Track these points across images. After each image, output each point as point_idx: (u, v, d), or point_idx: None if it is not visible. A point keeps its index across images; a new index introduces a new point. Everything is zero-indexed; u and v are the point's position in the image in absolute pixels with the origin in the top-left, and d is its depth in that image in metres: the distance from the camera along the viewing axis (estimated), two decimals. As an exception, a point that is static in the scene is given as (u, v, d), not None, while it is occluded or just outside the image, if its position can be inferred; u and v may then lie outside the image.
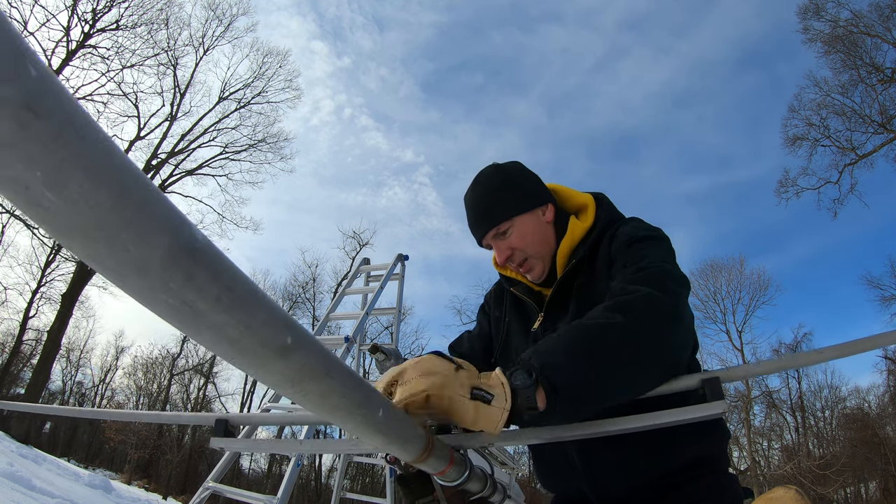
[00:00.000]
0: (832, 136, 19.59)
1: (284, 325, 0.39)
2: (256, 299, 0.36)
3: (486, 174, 1.33)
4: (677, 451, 1.16)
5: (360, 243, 27.85)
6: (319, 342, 0.45)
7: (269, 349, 0.39)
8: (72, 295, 19.50)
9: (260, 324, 0.37)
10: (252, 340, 0.37)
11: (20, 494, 6.06)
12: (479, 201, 1.30)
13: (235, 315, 0.35)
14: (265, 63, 23.70)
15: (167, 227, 0.30)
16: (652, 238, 1.18)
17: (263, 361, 0.40)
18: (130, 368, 29.09)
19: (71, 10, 18.54)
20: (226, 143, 23.30)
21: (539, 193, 1.33)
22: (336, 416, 0.51)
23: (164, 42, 21.33)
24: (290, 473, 4.55)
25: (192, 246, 0.31)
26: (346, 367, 0.49)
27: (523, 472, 25.12)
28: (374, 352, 5.27)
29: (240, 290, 0.35)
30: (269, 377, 0.42)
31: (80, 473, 12.24)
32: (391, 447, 0.66)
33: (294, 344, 0.40)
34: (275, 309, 0.38)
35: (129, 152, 21.31)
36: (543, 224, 1.31)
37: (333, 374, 0.46)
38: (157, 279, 0.30)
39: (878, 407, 24.41)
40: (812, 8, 19.21)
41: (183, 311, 0.33)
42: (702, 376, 0.95)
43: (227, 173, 23.12)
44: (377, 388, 0.74)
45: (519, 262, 1.31)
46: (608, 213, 1.34)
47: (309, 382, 0.44)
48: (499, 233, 1.29)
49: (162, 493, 21.78)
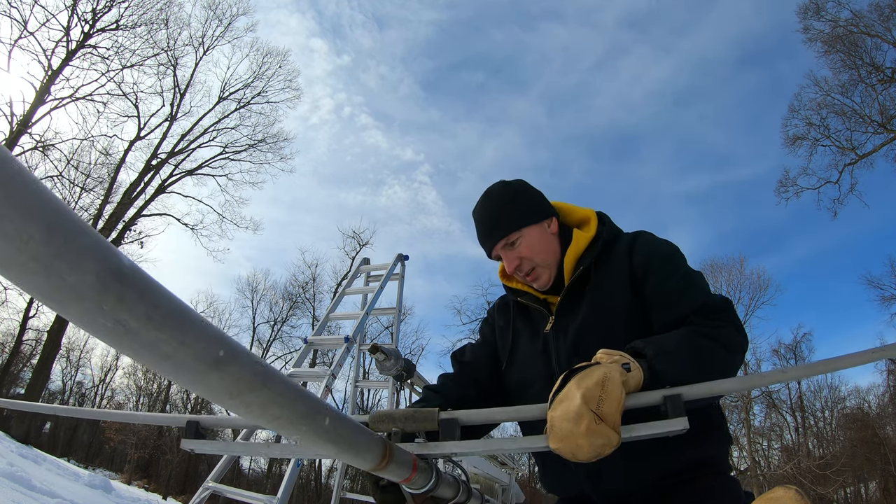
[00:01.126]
0: (832, 135, 19.62)
1: (216, 339, 0.42)
2: (186, 316, 0.39)
3: (495, 190, 1.43)
4: (678, 453, 1.19)
5: (360, 243, 27.90)
6: (252, 354, 0.47)
7: (204, 362, 0.41)
8: (72, 295, 19.46)
9: (192, 338, 0.39)
10: (186, 355, 0.39)
11: (20, 494, 6.06)
12: (489, 215, 1.40)
13: (167, 331, 0.37)
14: (265, 63, 23.75)
15: (95, 255, 0.33)
16: (678, 255, 1.35)
17: (200, 375, 0.41)
18: (130, 368, 29.11)
19: (71, 10, 18.55)
20: (226, 143, 23.35)
21: (544, 207, 1.43)
22: (280, 425, 0.52)
23: (164, 42, 21.37)
24: (290, 473, 4.55)
25: (121, 270, 0.34)
26: (284, 377, 0.51)
27: (523, 473, 25.11)
28: (374, 352, 5.27)
29: (169, 307, 0.38)
30: (209, 391, 0.44)
31: (80, 473, 12.24)
32: (344, 456, 0.66)
33: (227, 356, 0.42)
34: (205, 324, 0.41)
35: (129, 152, 21.35)
36: (549, 235, 1.40)
37: (270, 385, 0.48)
38: (92, 303, 0.33)
39: (878, 407, 24.46)
40: (812, 8, 19.24)
41: (118, 331, 0.35)
42: (664, 392, 0.96)
43: (227, 173, 23.18)
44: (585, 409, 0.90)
45: (527, 272, 1.38)
46: (610, 228, 1.44)
47: (248, 394, 0.46)
48: (508, 244, 1.37)
49: (162, 493, 21.79)
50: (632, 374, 0.98)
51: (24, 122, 17.77)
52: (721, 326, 1.16)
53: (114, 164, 21.26)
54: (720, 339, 1.13)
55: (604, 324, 1.28)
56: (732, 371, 1.14)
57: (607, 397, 0.91)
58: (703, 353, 1.09)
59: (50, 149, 18.87)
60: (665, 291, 1.26)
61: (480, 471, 5.83)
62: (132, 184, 21.40)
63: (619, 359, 1.01)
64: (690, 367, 1.05)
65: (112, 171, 21.24)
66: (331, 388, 5.35)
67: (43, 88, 18.17)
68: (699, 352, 1.09)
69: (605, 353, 1.04)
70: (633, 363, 1.01)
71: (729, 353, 1.13)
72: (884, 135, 18.88)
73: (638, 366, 1.01)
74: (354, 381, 7.41)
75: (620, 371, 0.96)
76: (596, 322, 1.29)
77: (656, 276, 1.28)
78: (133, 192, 21.33)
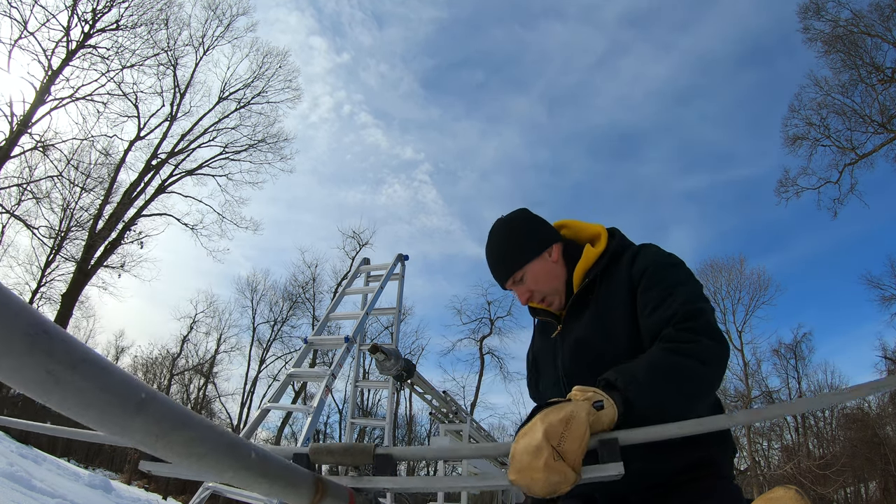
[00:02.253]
0: (832, 135, 19.58)
1: (136, 384, 0.46)
2: (106, 364, 0.44)
3: (495, 230, 1.53)
4: (679, 453, 1.21)
5: (360, 243, 27.90)
6: (169, 397, 0.51)
7: (128, 406, 0.45)
8: (72, 295, 19.50)
9: (114, 384, 0.43)
10: (111, 399, 0.43)
11: (20, 494, 6.06)
12: (493, 256, 1.50)
13: (91, 380, 0.41)
14: (265, 63, 23.72)
15: (23, 315, 0.37)
16: (675, 265, 1.36)
17: (125, 418, 0.45)
18: (131, 368, 29.08)
19: (71, 10, 18.53)
20: (226, 143, 23.32)
21: (543, 238, 1.49)
22: (208, 464, 0.55)
23: (164, 42, 21.34)
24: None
25: (45, 329, 0.39)
26: (202, 418, 0.55)
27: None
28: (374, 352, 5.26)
29: (91, 358, 0.42)
30: (135, 434, 0.47)
31: (80, 473, 12.24)
32: (275, 491, 0.66)
33: (148, 398, 0.46)
34: (123, 371, 0.46)
35: (129, 152, 21.35)
36: (551, 264, 1.47)
37: (192, 424, 0.51)
38: (27, 357, 0.38)
39: (878, 407, 24.43)
40: (812, 7, 19.20)
41: (48, 381, 0.39)
42: (599, 437, 0.98)
43: (227, 173, 23.14)
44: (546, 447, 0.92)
45: (539, 300, 1.49)
46: (620, 241, 1.49)
47: (172, 433, 0.49)
48: (515, 280, 1.47)
49: (162, 493, 21.80)
50: (604, 412, 1.00)
51: (24, 122, 17.76)
52: (694, 339, 1.17)
53: (114, 164, 21.25)
54: (694, 355, 1.14)
55: (604, 329, 1.33)
56: (710, 384, 1.18)
57: (569, 435, 0.93)
58: (675, 372, 1.12)
59: (50, 149, 18.86)
60: (647, 297, 1.30)
61: (480, 472, 5.83)
62: (132, 184, 21.38)
63: (592, 396, 1.03)
64: (664, 390, 1.09)
65: (112, 171, 21.23)
66: (331, 388, 5.34)
67: (43, 88, 18.16)
68: (672, 372, 1.12)
69: (580, 390, 1.06)
70: (606, 400, 1.02)
71: (704, 366, 1.15)
72: (884, 135, 18.87)
73: (612, 402, 1.02)
74: (354, 381, 7.41)
75: (589, 410, 0.98)
76: (597, 328, 1.35)
77: (645, 283, 1.33)
78: (133, 192, 21.32)
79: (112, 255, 20.86)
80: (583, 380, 1.24)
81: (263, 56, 23.71)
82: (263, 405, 5.34)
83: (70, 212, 21.50)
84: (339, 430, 27.61)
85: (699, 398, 1.20)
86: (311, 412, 4.91)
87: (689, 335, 1.17)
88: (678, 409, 1.10)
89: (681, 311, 1.22)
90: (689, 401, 1.15)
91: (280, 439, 26.61)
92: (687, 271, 1.36)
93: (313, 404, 4.99)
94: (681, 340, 1.17)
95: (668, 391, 1.10)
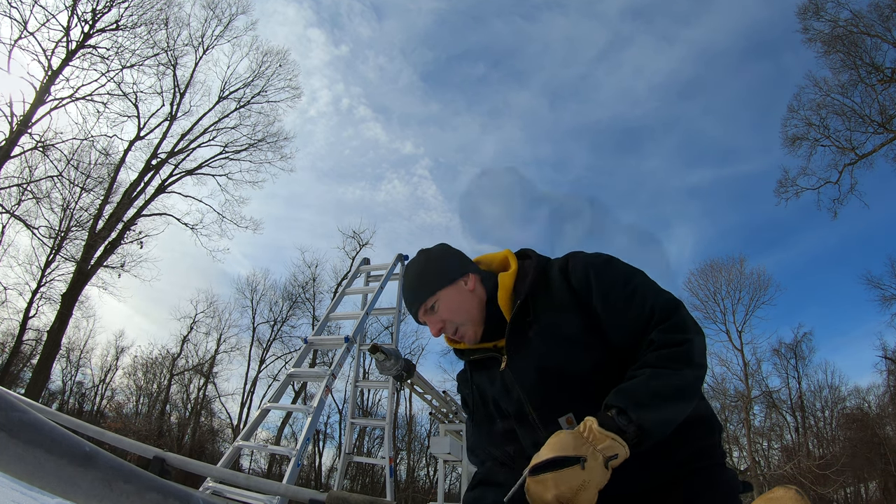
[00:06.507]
0: (832, 135, 19.59)
1: (78, 440, 0.49)
2: (49, 426, 0.46)
3: (413, 261, 1.51)
4: (676, 448, 1.24)
5: (360, 243, 27.91)
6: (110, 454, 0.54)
7: (76, 460, 0.48)
8: (72, 295, 19.50)
9: (59, 439, 0.46)
10: (60, 454, 0.46)
11: (20, 494, 6.06)
12: (407, 284, 1.47)
13: (37, 441, 0.44)
14: (265, 62, 23.73)
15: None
16: (610, 261, 1.37)
17: (75, 472, 0.48)
18: (130, 368, 29.10)
19: (71, 10, 18.54)
20: (226, 142, 23.32)
21: (458, 267, 1.45)
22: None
23: (164, 42, 21.34)
24: (290, 473, 4.55)
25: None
26: (143, 471, 0.58)
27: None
28: (374, 352, 5.26)
29: (31, 419, 0.44)
30: (88, 487, 0.49)
31: (80, 473, 12.22)
32: None
33: (93, 451, 0.49)
34: (64, 430, 0.49)
35: (129, 152, 21.36)
36: (466, 293, 1.42)
37: (136, 474, 0.55)
38: None
39: (878, 407, 24.45)
40: (812, 8, 19.20)
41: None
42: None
43: (227, 173, 23.15)
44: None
45: (451, 333, 1.43)
46: (536, 259, 1.45)
47: (121, 482, 0.52)
48: (427, 309, 1.42)
49: (162, 493, 21.76)
50: (617, 459, 1.07)
51: (24, 122, 17.76)
52: (685, 341, 1.19)
53: (114, 164, 21.26)
54: (689, 360, 1.18)
55: (560, 348, 1.29)
56: (699, 382, 1.23)
57: (578, 501, 1.03)
58: (679, 387, 1.16)
59: (50, 149, 18.86)
60: (610, 306, 1.28)
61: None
62: (132, 184, 21.40)
63: (609, 447, 1.07)
64: (672, 408, 1.15)
65: (112, 171, 21.24)
66: (331, 388, 5.35)
67: (43, 88, 18.16)
68: (677, 390, 1.16)
69: (600, 433, 1.08)
70: (620, 448, 1.07)
71: (702, 368, 1.21)
72: (884, 135, 18.88)
73: (624, 446, 1.08)
74: (354, 381, 7.41)
75: (602, 472, 1.05)
76: (552, 348, 1.30)
77: (598, 291, 1.30)
78: (133, 192, 21.33)
79: (112, 255, 20.88)
80: (555, 403, 1.27)
81: (263, 55, 23.74)
82: (263, 405, 5.34)
83: (70, 212, 21.52)
84: (339, 430, 27.64)
85: (699, 397, 1.27)
86: (311, 412, 4.92)
87: (679, 336, 1.20)
88: (685, 415, 1.17)
89: (657, 309, 1.24)
90: (693, 403, 1.21)
91: (280, 439, 26.62)
92: (624, 263, 1.38)
93: (313, 404, 5.00)
94: (674, 344, 1.19)
95: (674, 408, 1.15)
